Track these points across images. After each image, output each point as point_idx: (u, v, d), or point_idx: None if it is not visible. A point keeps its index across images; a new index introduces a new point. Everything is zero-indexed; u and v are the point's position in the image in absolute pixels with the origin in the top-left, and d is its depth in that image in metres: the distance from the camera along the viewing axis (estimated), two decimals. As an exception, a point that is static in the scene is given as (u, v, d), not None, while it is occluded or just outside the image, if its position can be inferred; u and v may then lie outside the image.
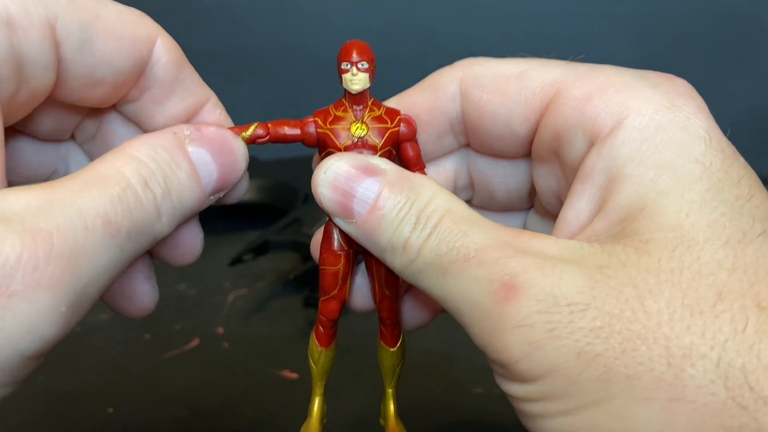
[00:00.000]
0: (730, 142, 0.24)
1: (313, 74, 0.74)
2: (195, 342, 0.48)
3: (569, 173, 0.26)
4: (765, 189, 0.23)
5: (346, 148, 0.26)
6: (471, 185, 0.31)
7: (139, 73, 0.25)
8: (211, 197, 0.26)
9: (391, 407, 0.30)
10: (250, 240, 0.55)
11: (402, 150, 0.27)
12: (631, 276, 0.21)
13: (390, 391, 0.30)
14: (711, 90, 0.27)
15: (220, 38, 0.74)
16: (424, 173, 0.28)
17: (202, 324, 0.50)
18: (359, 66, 0.26)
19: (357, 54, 0.26)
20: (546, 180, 0.28)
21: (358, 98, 0.26)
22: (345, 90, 0.26)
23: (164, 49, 0.26)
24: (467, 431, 0.40)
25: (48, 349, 0.20)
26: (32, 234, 0.19)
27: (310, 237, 0.56)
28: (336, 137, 0.26)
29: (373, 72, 0.26)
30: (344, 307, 0.29)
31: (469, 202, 0.32)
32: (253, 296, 0.53)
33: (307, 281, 0.52)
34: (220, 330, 0.49)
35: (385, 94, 0.29)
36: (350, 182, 0.25)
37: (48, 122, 0.27)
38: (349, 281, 0.28)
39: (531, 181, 0.29)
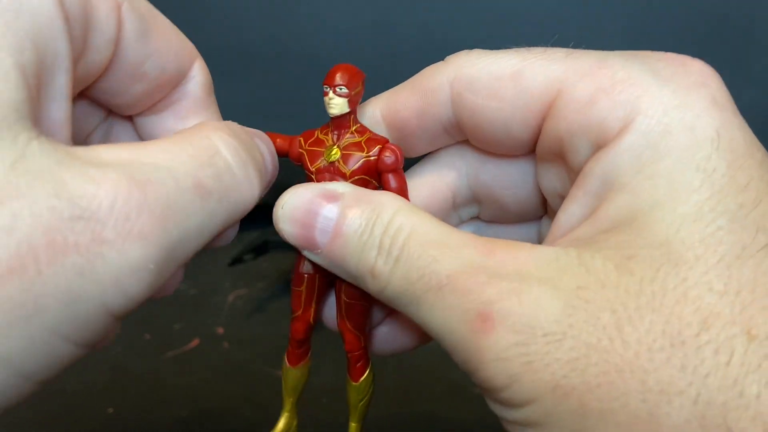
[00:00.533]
0: (748, 135, 0.22)
1: (309, 73, 0.74)
2: (195, 342, 0.48)
3: (574, 177, 0.24)
4: None
5: (318, 171, 0.26)
6: (473, 200, 0.29)
7: (177, 81, 0.26)
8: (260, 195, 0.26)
9: None
10: (250, 240, 0.55)
11: (383, 181, 0.26)
12: (610, 299, 0.20)
13: (353, 425, 0.29)
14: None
15: (217, 36, 0.74)
16: None
17: (202, 324, 0.50)
18: (337, 90, 0.25)
19: (338, 77, 0.25)
20: (550, 182, 0.26)
21: (338, 122, 0.26)
22: None
23: (200, 70, 0.26)
24: (467, 431, 0.40)
25: (130, 310, 0.20)
26: (127, 182, 0.19)
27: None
28: (310, 159, 0.26)
29: (354, 98, 0.26)
30: (310, 329, 0.28)
31: (476, 217, 0.30)
32: (253, 296, 0.53)
33: (307, 281, 0.52)
34: (220, 330, 0.49)
35: (381, 91, 0.28)
36: (308, 213, 0.24)
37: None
38: (314, 305, 0.28)
39: (539, 188, 0.28)
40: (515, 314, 0.20)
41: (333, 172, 0.26)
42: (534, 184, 0.28)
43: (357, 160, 0.26)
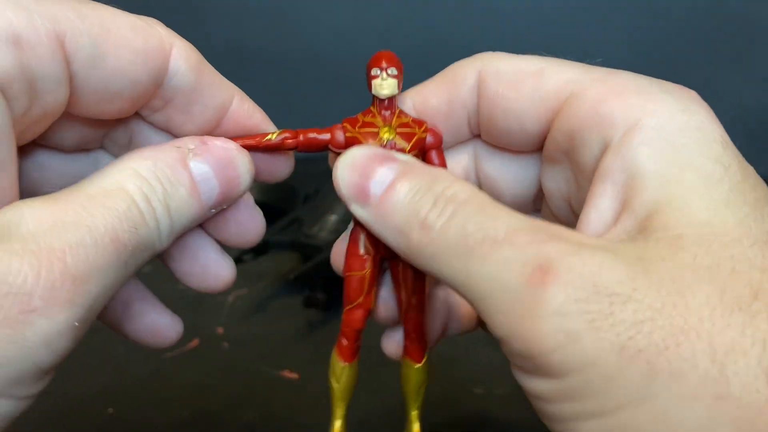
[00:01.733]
0: (741, 157, 0.23)
1: (317, 74, 0.74)
2: (195, 342, 0.48)
3: (581, 176, 0.25)
4: None
5: None
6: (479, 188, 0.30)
7: (156, 84, 0.25)
8: (213, 210, 0.26)
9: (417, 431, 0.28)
10: (250, 240, 0.55)
11: (428, 158, 0.28)
12: (670, 270, 0.20)
13: (414, 413, 0.28)
14: (710, 90, 0.27)
15: (222, 38, 0.74)
16: None
17: (202, 324, 0.50)
18: (388, 72, 0.26)
19: (386, 61, 0.26)
20: (556, 182, 0.27)
21: (387, 104, 0.27)
22: (374, 97, 0.27)
23: (182, 58, 0.25)
24: (467, 431, 0.40)
25: (59, 362, 0.21)
26: (47, 253, 0.20)
27: (310, 237, 0.56)
28: (365, 141, 0.27)
29: (401, 80, 0.27)
30: (369, 316, 0.28)
31: None
32: (253, 296, 0.53)
33: (307, 281, 0.52)
34: (220, 330, 0.49)
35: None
36: (370, 164, 0.24)
37: (70, 135, 0.27)
38: (375, 289, 0.27)
39: (539, 185, 0.29)
40: (578, 270, 0.20)
41: (391, 149, 0.27)
42: (534, 181, 0.29)
43: (411, 138, 0.27)
